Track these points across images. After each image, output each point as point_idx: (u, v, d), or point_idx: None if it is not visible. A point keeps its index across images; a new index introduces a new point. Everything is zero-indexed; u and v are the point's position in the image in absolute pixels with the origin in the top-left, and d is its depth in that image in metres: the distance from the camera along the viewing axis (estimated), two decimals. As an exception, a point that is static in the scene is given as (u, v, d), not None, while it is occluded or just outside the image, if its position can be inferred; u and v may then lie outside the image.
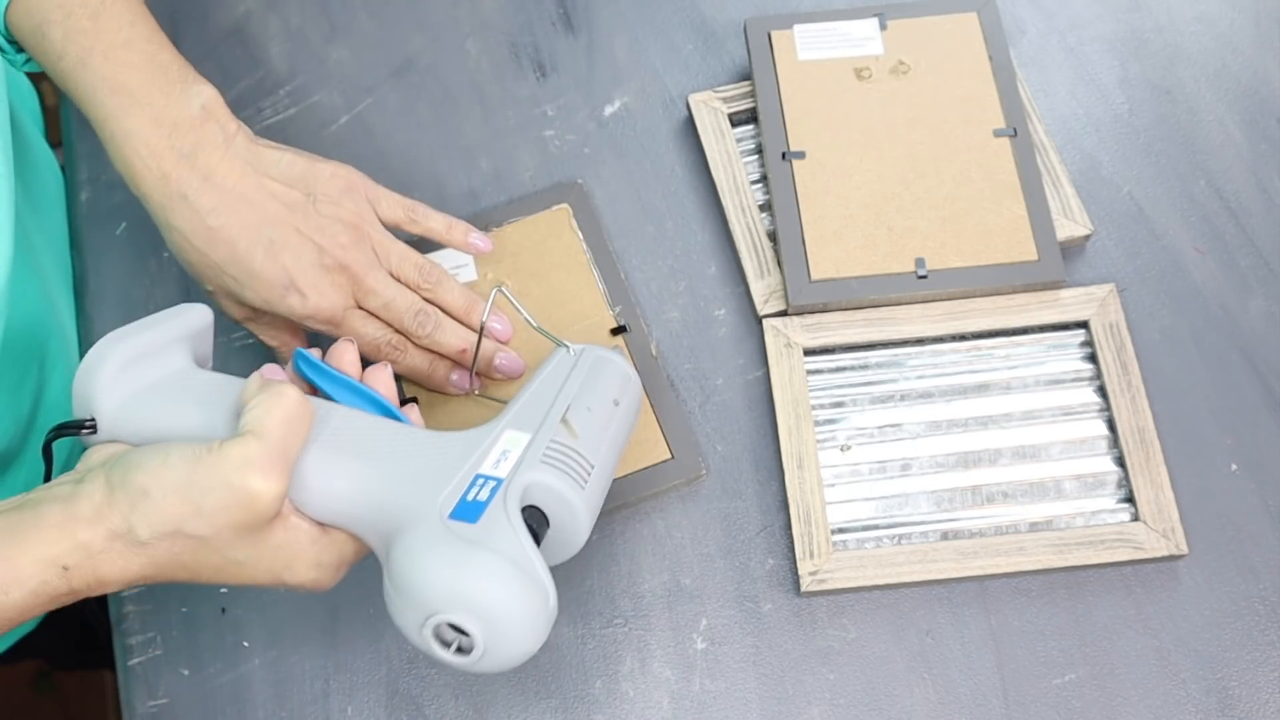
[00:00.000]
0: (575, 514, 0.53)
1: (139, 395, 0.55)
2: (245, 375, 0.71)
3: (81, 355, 0.73)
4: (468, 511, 0.50)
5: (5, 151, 0.59)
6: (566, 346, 0.60)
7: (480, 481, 0.52)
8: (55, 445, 0.56)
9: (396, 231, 0.70)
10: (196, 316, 0.59)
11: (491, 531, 0.49)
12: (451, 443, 0.54)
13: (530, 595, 0.48)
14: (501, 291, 0.63)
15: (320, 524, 0.52)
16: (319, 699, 0.62)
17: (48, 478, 0.55)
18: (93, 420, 0.54)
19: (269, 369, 0.55)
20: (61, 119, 0.82)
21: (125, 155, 0.60)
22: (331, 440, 0.53)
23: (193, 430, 0.52)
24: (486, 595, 0.48)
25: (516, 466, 0.52)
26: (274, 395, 0.50)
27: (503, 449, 0.54)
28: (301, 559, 0.52)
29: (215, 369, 0.71)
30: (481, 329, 0.64)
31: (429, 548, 0.49)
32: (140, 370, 0.55)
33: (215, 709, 0.63)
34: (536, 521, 0.53)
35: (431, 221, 0.67)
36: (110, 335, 0.55)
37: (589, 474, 0.54)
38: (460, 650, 0.49)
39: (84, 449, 0.55)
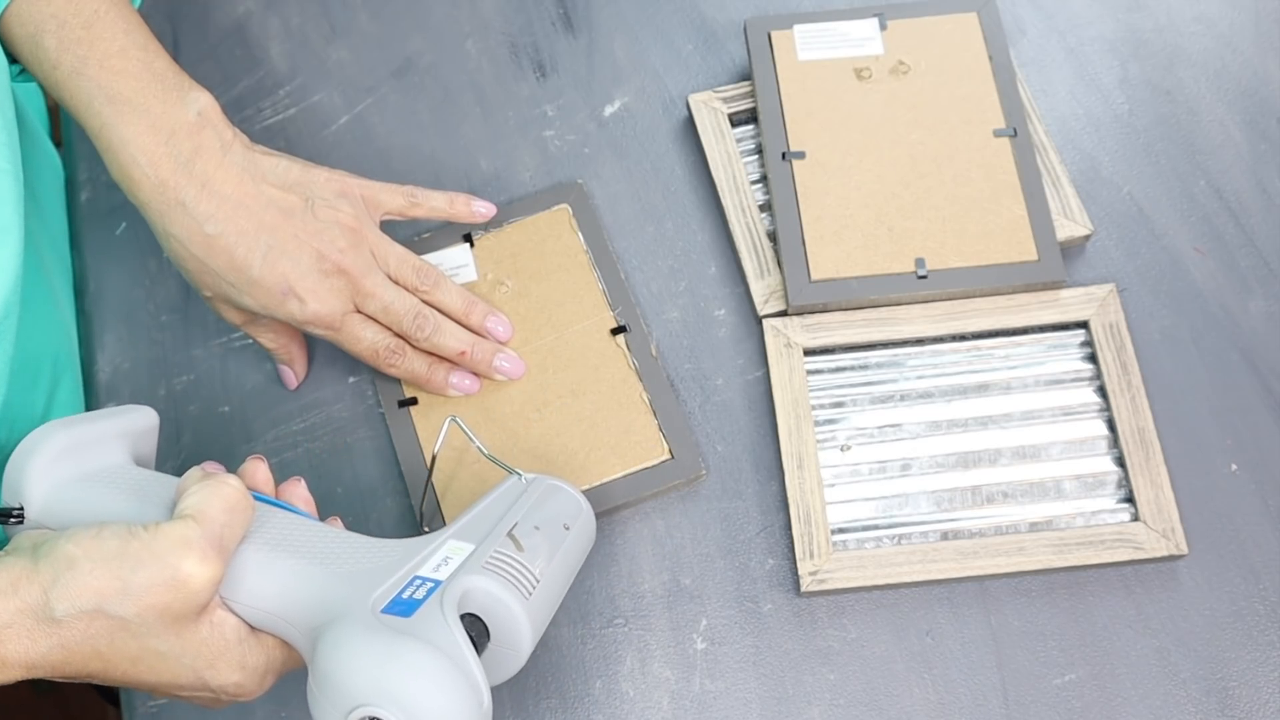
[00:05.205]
0: (517, 624, 0.50)
1: (71, 484, 0.53)
2: (243, 373, 0.71)
3: (84, 357, 0.73)
4: (402, 607, 0.48)
5: (12, 148, 0.59)
6: (518, 474, 0.58)
7: (418, 582, 0.49)
8: None
9: (395, 229, 0.70)
10: (141, 417, 0.58)
11: (425, 625, 0.47)
12: (391, 547, 0.52)
13: (461, 692, 0.45)
14: (455, 422, 0.61)
15: (249, 625, 0.50)
16: (319, 699, 0.62)
17: None
18: (20, 509, 0.53)
19: (210, 464, 0.54)
20: (62, 118, 0.82)
21: (122, 163, 0.59)
22: (269, 538, 0.51)
23: (126, 520, 0.49)
24: (414, 686, 0.44)
25: (457, 571, 0.50)
26: (216, 483, 0.49)
27: (445, 555, 0.51)
28: (225, 658, 0.49)
29: (212, 369, 0.72)
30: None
31: (357, 637, 0.46)
32: (75, 461, 0.54)
33: (215, 709, 0.62)
34: (477, 632, 0.50)
35: (433, 201, 0.67)
36: (48, 424, 0.54)
37: (534, 587, 0.51)
38: None
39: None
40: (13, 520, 0.53)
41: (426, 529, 0.64)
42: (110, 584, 0.46)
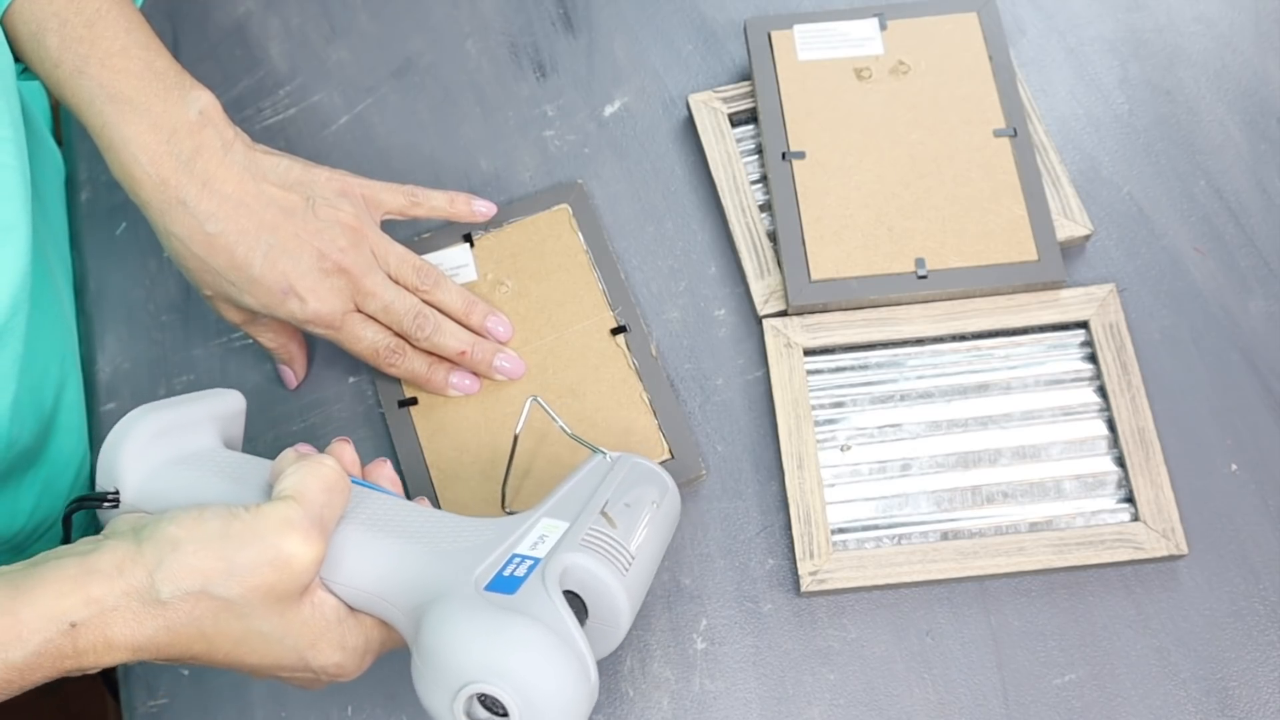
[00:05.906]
0: (615, 601, 0.50)
1: (166, 468, 0.54)
2: (243, 373, 0.71)
3: (84, 357, 0.73)
4: (505, 585, 0.48)
5: (19, 144, 0.59)
6: (603, 453, 0.58)
7: (517, 560, 0.50)
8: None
9: (396, 229, 0.70)
10: (231, 400, 0.59)
11: (530, 602, 0.47)
12: (486, 526, 0.52)
13: (570, 665, 0.46)
14: (537, 402, 0.62)
15: (347, 605, 0.51)
16: (318, 700, 0.62)
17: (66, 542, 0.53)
18: (116, 493, 0.53)
19: (303, 445, 0.55)
20: (62, 117, 0.82)
21: (124, 162, 0.59)
22: (365, 518, 0.52)
23: (223, 502, 0.50)
24: (524, 661, 0.45)
25: (555, 548, 0.50)
26: (314, 463, 0.50)
27: (540, 533, 0.52)
28: (326, 638, 0.49)
29: (212, 369, 0.72)
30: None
31: (463, 615, 0.46)
32: (168, 444, 0.54)
33: (215, 709, 0.63)
34: (576, 609, 0.50)
35: (433, 200, 0.68)
36: (140, 408, 0.55)
37: (629, 564, 0.51)
38: None
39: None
40: (107, 504, 0.53)
41: (509, 511, 0.64)
42: (215, 565, 0.46)
